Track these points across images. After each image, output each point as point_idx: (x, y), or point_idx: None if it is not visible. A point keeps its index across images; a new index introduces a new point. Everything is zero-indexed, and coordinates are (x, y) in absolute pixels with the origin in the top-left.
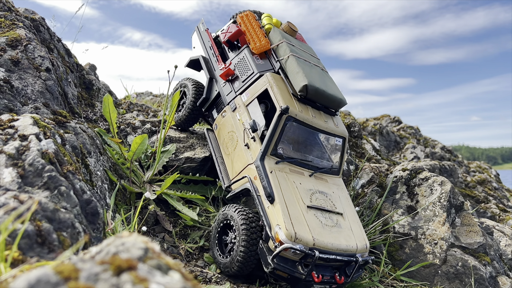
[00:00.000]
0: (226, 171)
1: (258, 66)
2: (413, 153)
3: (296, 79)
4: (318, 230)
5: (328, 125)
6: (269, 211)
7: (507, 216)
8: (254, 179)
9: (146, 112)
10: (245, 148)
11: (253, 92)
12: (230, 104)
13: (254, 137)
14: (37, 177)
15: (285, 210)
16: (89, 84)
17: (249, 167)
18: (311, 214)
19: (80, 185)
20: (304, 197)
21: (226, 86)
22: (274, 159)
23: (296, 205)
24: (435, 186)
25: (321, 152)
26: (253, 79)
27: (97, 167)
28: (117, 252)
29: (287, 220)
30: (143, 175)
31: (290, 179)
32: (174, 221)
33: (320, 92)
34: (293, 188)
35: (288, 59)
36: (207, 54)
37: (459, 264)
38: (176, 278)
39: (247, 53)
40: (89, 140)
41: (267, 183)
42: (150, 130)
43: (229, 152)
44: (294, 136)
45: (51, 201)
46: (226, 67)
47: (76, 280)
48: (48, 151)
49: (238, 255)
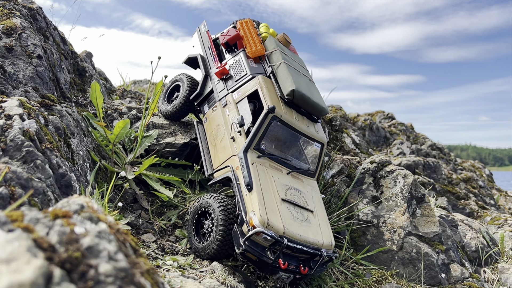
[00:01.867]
0: (210, 160)
1: (251, 69)
2: (399, 148)
3: (285, 84)
4: (289, 221)
5: (309, 129)
6: (247, 198)
7: (484, 213)
8: (236, 169)
9: (139, 99)
10: (231, 141)
11: (244, 91)
12: (222, 100)
13: (241, 131)
14: (16, 151)
15: (261, 199)
16: (82, 71)
17: (233, 158)
18: (284, 206)
19: (57, 160)
20: (279, 191)
21: (219, 84)
22: (256, 153)
23: (272, 197)
24: (399, 178)
25: (300, 154)
26: (246, 79)
27: (79, 147)
28: (61, 207)
29: (262, 207)
30: (125, 157)
31: (268, 173)
32: (151, 200)
33: (305, 98)
34: (271, 181)
35: (279, 66)
36: (205, 53)
37: (414, 250)
38: (102, 227)
39: (242, 56)
40: (73, 122)
41: (247, 173)
42: (135, 116)
43: (215, 143)
44: (277, 135)
45: (27, 172)
46: (222, 67)
47: (21, 222)
48: (29, 130)
49: (215, 238)
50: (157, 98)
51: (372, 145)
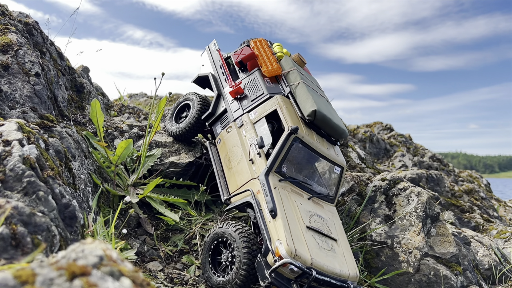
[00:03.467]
0: (225, 184)
1: (268, 88)
2: (401, 161)
3: (305, 104)
4: (315, 251)
5: (330, 152)
6: (271, 225)
7: (490, 226)
8: (257, 193)
9: (137, 115)
10: (249, 163)
11: (261, 111)
12: (237, 120)
13: (260, 153)
14: (16, 182)
15: (286, 226)
16: (80, 87)
17: (252, 182)
18: (310, 235)
19: (60, 189)
20: (304, 217)
21: (234, 104)
22: (278, 177)
23: (297, 224)
24: (412, 196)
25: (319, 178)
26: (263, 99)
27: (81, 170)
28: (76, 258)
29: (288, 236)
30: (127, 178)
31: (291, 198)
32: (156, 224)
33: (326, 120)
34: (294, 207)
35: (298, 85)
36: (216, 72)
37: (431, 273)
38: (126, 284)
39: (258, 75)
40: (74, 144)
41: (270, 198)
42: (137, 134)
43: (231, 166)
44: (297, 158)
45: (29, 205)
46: (236, 86)
47: (32, 284)
48: (29, 157)
49: (239, 272)
50: (161, 115)
51: (373, 157)
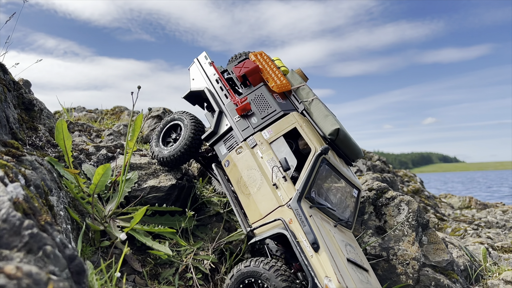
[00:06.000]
0: (243, 213)
1: (280, 105)
2: (355, 166)
3: (325, 123)
4: (360, 286)
5: (349, 174)
6: (314, 260)
7: (444, 224)
8: (289, 222)
9: (88, 132)
10: (273, 188)
11: (278, 129)
12: (248, 140)
13: (285, 176)
14: (14, 236)
15: (332, 261)
16: (29, 104)
17: (281, 210)
18: (350, 267)
19: (60, 238)
20: (342, 248)
21: (241, 122)
22: (308, 203)
23: (338, 256)
24: (402, 205)
25: (341, 202)
26: (276, 116)
27: (59, 206)
28: None
29: (337, 272)
30: (103, 209)
31: (326, 227)
32: (142, 259)
33: (347, 139)
34: (331, 237)
35: (312, 102)
36: (212, 87)
37: (432, 283)
38: None
39: (265, 91)
40: (48, 175)
41: (309, 229)
42: (106, 157)
43: (248, 192)
44: (323, 181)
45: (35, 264)
46: (242, 102)
47: None
48: (19, 199)
49: None
50: (137, 134)
51: None
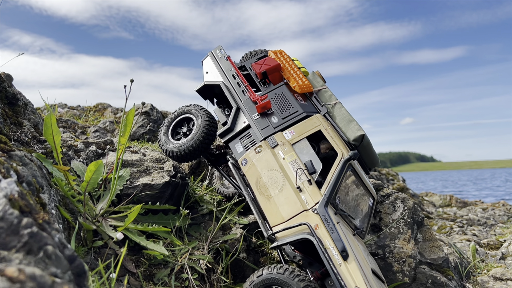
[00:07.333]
0: (263, 215)
1: (302, 106)
2: None
3: (350, 127)
4: None
5: (368, 181)
6: (343, 269)
7: (431, 222)
8: (315, 228)
9: (73, 129)
10: (297, 191)
11: (301, 131)
12: (268, 139)
13: (310, 180)
14: (12, 235)
15: (361, 270)
16: (13, 98)
17: (306, 214)
18: (375, 278)
19: (59, 237)
20: (366, 258)
21: (260, 120)
22: (333, 209)
23: (366, 266)
24: (398, 203)
25: (358, 210)
26: (298, 117)
27: (51, 204)
28: None
29: (366, 282)
30: (94, 207)
31: (350, 235)
32: (135, 260)
33: (370, 146)
34: (356, 246)
35: (335, 106)
36: (228, 83)
37: (429, 281)
38: None
39: (286, 90)
40: (39, 171)
41: (338, 236)
42: (95, 153)
43: (269, 193)
44: (346, 187)
45: (35, 266)
46: (263, 100)
47: None
48: (14, 196)
49: None
50: (129, 129)
51: None
